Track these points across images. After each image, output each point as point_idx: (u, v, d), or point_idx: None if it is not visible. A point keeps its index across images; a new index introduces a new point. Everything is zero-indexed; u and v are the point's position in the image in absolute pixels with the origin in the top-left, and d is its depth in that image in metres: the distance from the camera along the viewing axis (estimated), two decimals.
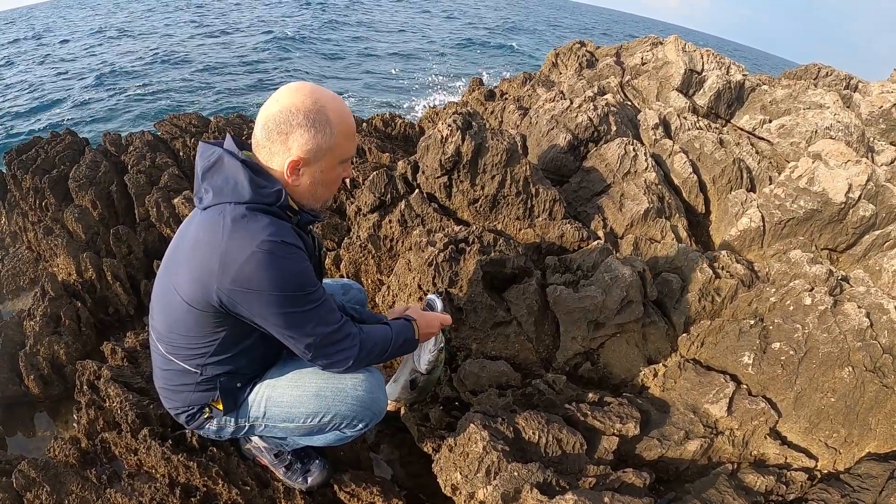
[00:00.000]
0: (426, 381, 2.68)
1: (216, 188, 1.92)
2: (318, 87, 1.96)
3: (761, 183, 5.18)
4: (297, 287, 1.90)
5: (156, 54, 27.49)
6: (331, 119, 1.92)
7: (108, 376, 3.11)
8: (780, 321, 3.29)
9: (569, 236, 4.01)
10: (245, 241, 1.80)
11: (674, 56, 6.72)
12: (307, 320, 1.97)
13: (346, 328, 2.09)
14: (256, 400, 2.32)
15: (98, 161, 5.76)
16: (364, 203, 4.13)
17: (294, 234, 1.95)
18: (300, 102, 1.88)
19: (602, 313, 3.38)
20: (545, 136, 5.21)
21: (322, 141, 1.93)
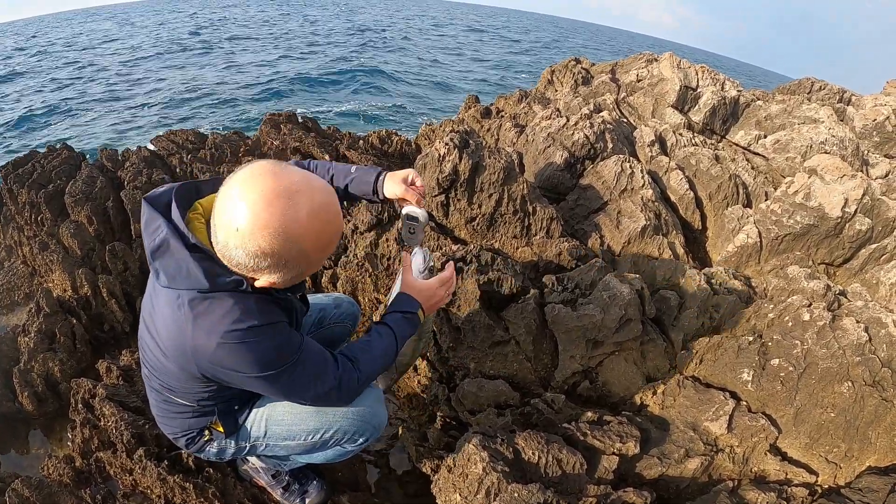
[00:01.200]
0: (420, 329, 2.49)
1: (168, 274, 1.71)
2: (292, 197, 1.56)
3: (757, 198, 5.18)
4: (277, 363, 1.82)
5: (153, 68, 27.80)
6: (307, 251, 1.65)
7: (103, 395, 3.10)
8: (778, 337, 3.29)
9: (566, 254, 4.00)
10: (210, 332, 1.71)
11: (669, 73, 6.74)
12: (296, 385, 1.94)
13: (339, 374, 2.04)
14: (256, 420, 2.32)
15: (94, 176, 5.75)
16: (361, 221, 4.14)
17: (264, 306, 1.80)
18: (268, 244, 1.57)
19: (600, 332, 3.37)
20: (542, 154, 5.22)
21: (296, 271, 1.72)
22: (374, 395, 2.36)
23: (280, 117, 6.86)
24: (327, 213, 1.65)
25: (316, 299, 2.89)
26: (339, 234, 1.77)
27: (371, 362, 2.15)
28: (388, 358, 2.23)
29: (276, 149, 5.77)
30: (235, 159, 5.28)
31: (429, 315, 2.44)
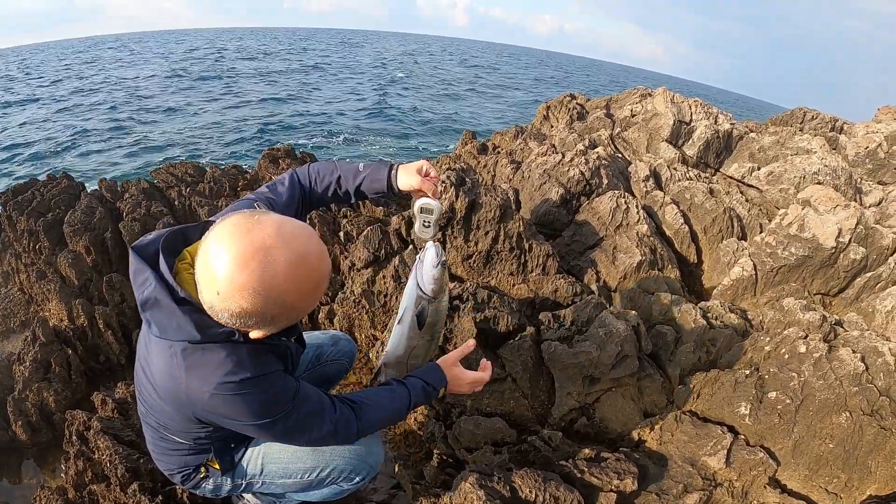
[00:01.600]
0: (435, 312, 2.42)
1: (159, 325, 1.67)
2: (268, 254, 1.49)
3: (752, 230, 5.22)
4: (271, 412, 1.80)
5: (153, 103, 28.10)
6: (291, 303, 1.58)
7: (97, 428, 3.09)
8: (775, 370, 3.29)
9: (562, 291, 4.01)
10: (203, 383, 1.70)
11: (663, 108, 6.81)
12: (291, 431, 1.93)
13: (335, 419, 2.01)
14: (253, 457, 2.31)
15: (93, 207, 5.78)
16: (358, 258, 4.15)
17: (258, 356, 1.76)
18: (249, 304, 1.52)
19: (597, 368, 3.38)
20: (538, 191, 5.25)
21: (285, 322, 1.67)
22: (373, 439, 2.36)
23: (278, 152, 6.92)
24: (306, 262, 1.56)
25: (313, 337, 2.89)
26: (326, 276, 1.67)
27: (375, 417, 2.14)
28: (394, 419, 2.23)
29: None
30: (234, 193, 5.29)
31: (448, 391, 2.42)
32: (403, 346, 2.48)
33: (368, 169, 2.37)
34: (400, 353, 2.51)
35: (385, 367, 2.60)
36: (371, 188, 2.38)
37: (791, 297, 4.06)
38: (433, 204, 2.34)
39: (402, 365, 2.54)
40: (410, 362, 2.52)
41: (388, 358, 2.56)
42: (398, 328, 2.47)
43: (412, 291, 2.37)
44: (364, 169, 2.37)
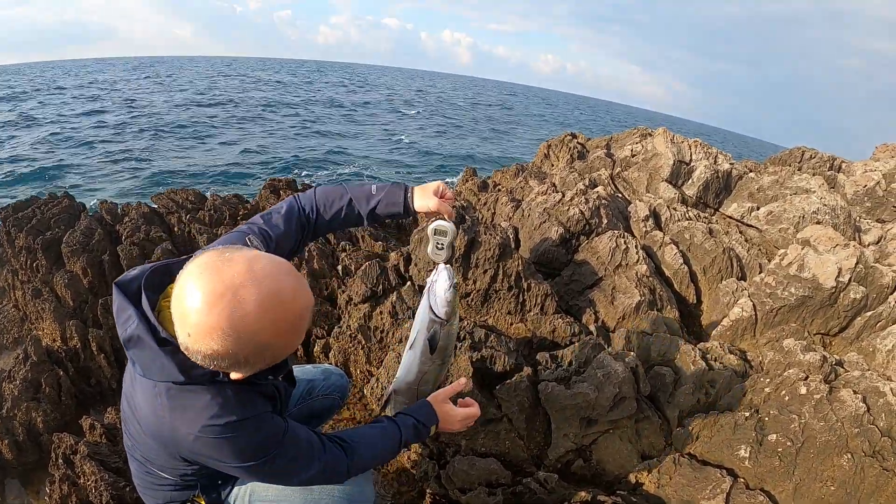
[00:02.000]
0: (447, 336, 2.36)
1: (142, 365, 1.63)
2: (237, 293, 1.43)
3: (751, 270, 5.19)
4: (258, 455, 1.75)
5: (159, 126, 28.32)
6: (266, 343, 1.51)
7: (84, 452, 3.05)
8: (775, 412, 3.24)
9: (561, 331, 3.97)
10: (188, 425, 1.65)
11: (663, 147, 6.82)
12: (279, 473, 1.88)
13: (325, 459, 1.96)
14: (240, 495, 2.23)
15: (93, 228, 5.77)
16: (355, 293, 4.11)
17: (244, 397, 1.71)
18: (220, 346, 1.45)
19: (595, 410, 3.33)
20: (537, 229, 5.23)
21: (264, 362, 1.59)
22: (363, 477, 2.30)
23: (280, 183, 6.93)
24: (279, 300, 1.49)
25: (304, 371, 2.84)
26: (304, 312, 1.58)
27: (366, 457, 2.09)
28: (385, 459, 2.19)
29: None
30: (234, 222, 5.28)
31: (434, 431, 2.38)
32: (415, 371, 2.43)
33: (383, 191, 2.32)
34: (411, 379, 2.46)
35: (395, 395, 2.56)
36: (386, 211, 2.33)
37: (791, 337, 4.02)
38: (447, 226, 2.31)
39: (413, 392, 2.49)
40: (421, 388, 2.47)
41: (398, 384, 2.51)
42: (409, 353, 2.43)
43: (424, 315, 2.33)
44: (377, 192, 2.32)
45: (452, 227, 2.32)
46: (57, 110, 32.94)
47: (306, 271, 4.77)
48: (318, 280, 4.81)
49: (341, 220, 2.34)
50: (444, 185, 2.34)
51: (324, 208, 2.31)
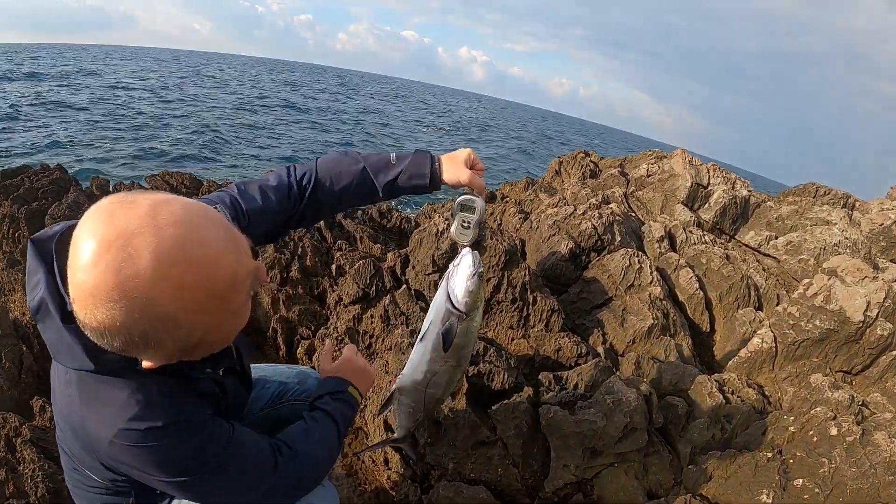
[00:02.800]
0: (465, 333, 1.99)
1: (50, 343, 1.30)
2: (129, 243, 1.06)
3: (769, 301, 4.80)
4: (192, 469, 1.39)
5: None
6: (172, 314, 1.13)
7: (27, 437, 2.70)
8: (802, 454, 2.85)
9: (566, 351, 3.58)
10: (103, 426, 1.30)
11: (680, 169, 6.46)
12: (219, 492, 1.50)
13: (279, 472, 1.57)
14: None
15: (80, 203, 5.44)
16: (346, 293, 3.70)
17: (173, 396, 1.36)
18: (107, 315, 1.08)
19: (601, 440, 2.93)
20: (546, 242, 4.85)
21: (169, 346, 1.20)
22: (326, 496, 1.90)
23: None
24: (186, 254, 1.11)
25: (278, 371, 2.41)
26: (235, 277, 1.21)
27: (311, 451, 1.70)
28: (331, 444, 1.78)
29: None
30: None
31: (365, 395, 2.04)
32: (423, 369, 2.07)
33: (405, 161, 1.95)
34: (418, 377, 2.10)
35: (399, 394, 2.20)
36: (409, 183, 1.96)
37: (818, 373, 3.62)
38: (477, 202, 1.97)
39: (420, 393, 2.13)
40: (429, 391, 2.11)
41: (403, 382, 2.15)
42: (419, 346, 2.08)
43: (440, 304, 1.97)
44: (398, 161, 1.95)
45: (482, 202, 1.98)
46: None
47: (298, 267, 4.38)
48: (309, 278, 4.43)
49: (352, 192, 1.95)
50: (474, 154, 1.98)
51: (328, 179, 1.92)
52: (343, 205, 2.02)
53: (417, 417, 2.28)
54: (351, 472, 3.07)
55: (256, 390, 2.22)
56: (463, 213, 1.98)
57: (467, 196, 1.98)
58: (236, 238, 1.24)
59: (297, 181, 1.90)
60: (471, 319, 1.98)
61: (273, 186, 1.87)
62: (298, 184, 1.90)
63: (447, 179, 1.94)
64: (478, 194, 1.98)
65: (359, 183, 1.93)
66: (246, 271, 1.24)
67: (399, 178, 1.94)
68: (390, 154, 1.98)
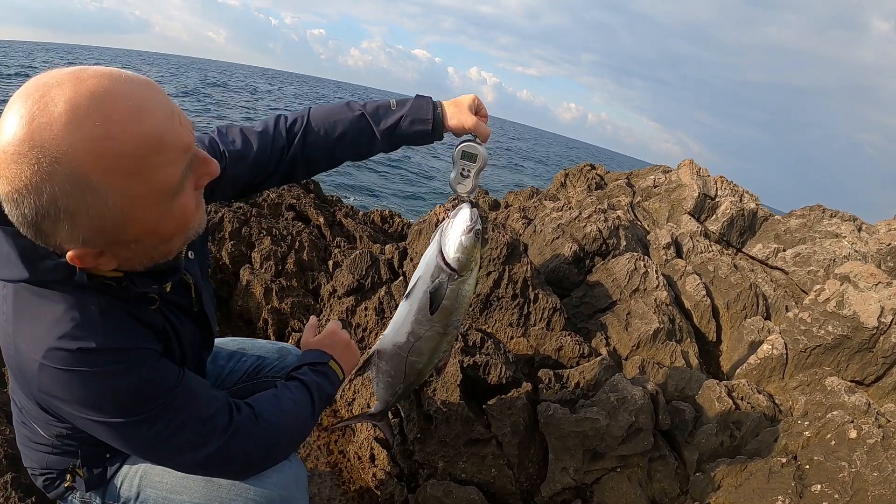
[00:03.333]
0: (455, 295, 1.79)
1: None
2: (48, 93, 0.95)
3: (777, 311, 4.58)
4: (129, 410, 1.20)
5: None
6: (83, 174, 0.97)
7: None
8: (820, 458, 2.63)
9: (568, 350, 3.35)
10: (32, 345, 1.13)
11: (688, 179, 6.26)
12: (160, 444, 1.29)
13: (232, 429, 1.36)
14: (129, 477, 1.61)
15: None
16: (340, 283, 3.46)
17: (115, 319, 1.19)
18: (14, 171, 0.95)
19: (604, 441, 2.69)
20: (549, 245, 4.63)
21: (84, 220, 1.02)
22: (291, 474, 1.65)
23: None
24: (105, 105, 0.96)
25: (257, 345, 2.21)
26: (162, 140, 1.04)
27: (277, 420, 1.47)
28: (302, 417, 1.55)
29: (271, 202, 5.25)
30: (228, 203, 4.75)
31: (348, 373, 1.81)
32: (406, 331, 1.85)
33: (405, 106, 1.77)
34: (400, 340, 1.87)
35: (378, 357, 1.96)
36: (411, 129, 1.79)
37: (835, 377, 3.39)
38: (480, 149, 1.81)
39: (400, 360, 1.90)
40: (411, 359, 1.89)
41: (383, 344, 1.93)
42: (404, 305, 1.87)
43: (430, 259, 1.78)
44: (398, 106, 1.78)
45: (485, 151, 1.82)
46: None
47: (294, 260, 4.17)
48: (305, 272, 4.22)
49: (348, 141, 1.78)
50: (479, 100, 1.80)
51: (321, 126, 1.75)
52: (339, 154, 1.84)
53: (396, 389, 2.04)
54: (335, 469, 2.83)
55: (232, 363, 2.07)
56: (463, 162, 1.81)
57: (470, 143, 1.81)
58: (172, 106, 1.09)
59: (285, 128, 1.74)
60: (462, 281, 1.77)
61: (257, 132, 1.71)
62: (288, 130, 1.74)
63: (452, 125, 1.78)
64: (481, 142, 1.82)
65: (356, 130, 1.77)
66: (179, 141, 1.08)
67: (401, 123, 1.78)
68: (390, 100, 1.82)
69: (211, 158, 1.20)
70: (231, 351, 2.13)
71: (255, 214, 4.60)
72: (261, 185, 1.81)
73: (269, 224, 4.53)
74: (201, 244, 1.61)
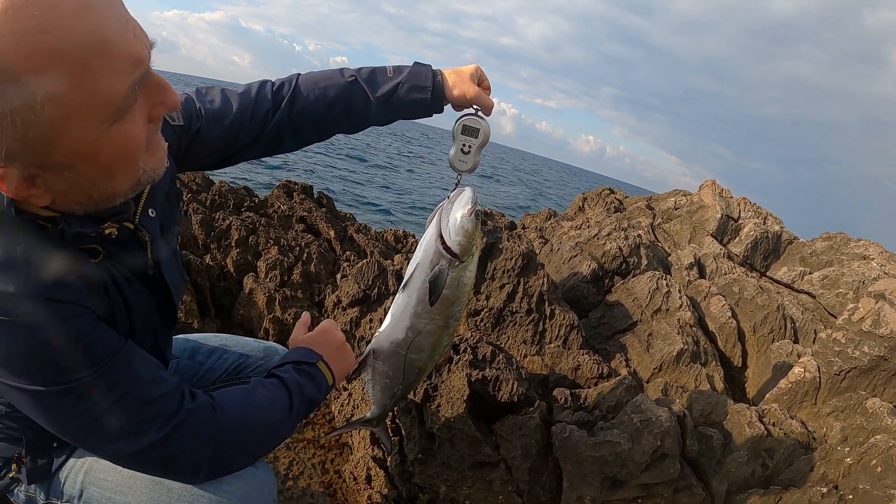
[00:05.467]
0: (456, 284, 1.61)
1: None
2: None
3: (805, 336, 4.23)
4: (48, 376, 1.00)
5: None
6: (11, 69, 0.80)
7: None
8: (866, 486, 2.32)
9: (585, 370, 3.05)
10: None
11: (710, 200, 5.96)
12: (87, 423, 1.06)
13: (179, 418, 1.12)
14: (73, 472, 1.38)
15: None
16: (345, 293, 3.18)
17: (49, 264, 0.99)
18: None
19: (625, 467, 2.38)
20: (566, 263, 4.34)
21: (36, 126, 0.85)
22: (255, 482, 1.37)
23: (296, 186, 6.12)
24: None
25: (241, 342, 1.97)
26: (105, 42, 0.86)
27: (243, 418, 1.24)
28: (276, 417, 1.31)
29: (282, 213, 5.03)
30: (237, 212, 4.54)
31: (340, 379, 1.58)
32: (405, 325, 1.64)
33: (403, 72, 1.59)
34: (398, 337, 1.66)
35: (374, 357, 1.74)
36: (409, 97, 1.60)
37: (876, 398, 3.06)
38: (482, 123, 1.66)
39: (399, 358, 1.68)
40: (410, 356, 1.67)
41: (379, 342, 1.71)
42: (402, 297, 1.67)
43: (429, 244, 1.60)
44: (395, 72, 1.60)
45: (487, 126, 1.66)
46: None
47: (300, 271, 3.91)
48: (311, 284, 3.96)
49: (341, 108, 1.59)
50: (481, 70, 1.63)
51: (311, 91, 1.58)
52: (329, 123, 1.65)
53: (395, 391, 1.80)
54: (329, 489, 2.54)
55: (212, 359, 1.85)
56: (464, 137, 1.64)
57: (471, 116, 1.63)
58: (130, 16, 0.93)
59: (271, 91, 1.57)
60: (463, 268, 1.58)
61: (239, 93, 1.54)
62: (274, 94, 1.56)
63: (455, 94, 1.60)
64: (483, 116, 1.63)
65: (348, 96, 1.59)
66: (128, 50, 0.90)
67: (398, 90, 1.59)
68: (386, 66, 1.62)
69: (170, 87, 1.02)
70: (212, 347, 1.90)
71: (264, 224, 4.38)
72: (243, 152, 1.61)
73: (278, 234, 4.29)
74: (167, 203, 1.38)
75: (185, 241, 4.25)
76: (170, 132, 1.37)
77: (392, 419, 2.56)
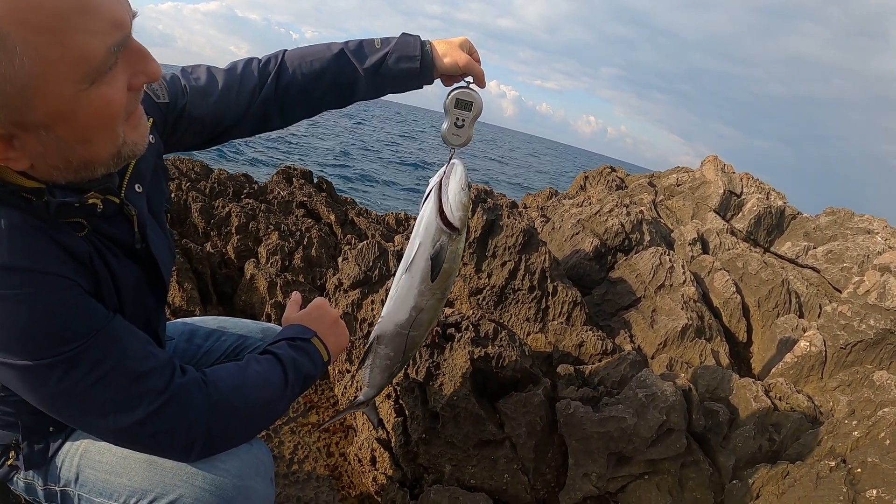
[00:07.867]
0: (453, 256, 1.63)
1: None
2: None
3: (810, 310, 4.19)
4: (32, 349, 0.98)
5: None
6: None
7: None
8: (874, 460, 2.26)
9: (590, 346, 3.02)
10: None
11: (712, 176, 5.91)
12: (74, 402, 1.05)
13: (168, 398, 1.10)
14: (69, 456, 1.35)
15: None
16: (346, 275, 3.15)
17: (30, 237, 0.98)
18: None
19: (631, 443, 2.35)
20: (568, 241, 4.30)
21: (13, 80, 0.84)
22: (252, 460, 1.34)
23: (295, 171, 6.08)
24: None
25: (239, 324, 1.96)
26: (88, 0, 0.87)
27: (237, 393, 1.22)
28: (270, 394, 1.29)
29: (281, 199, 4.97)
30: (237, 199, 4.50)
31: (335, 355, 1.56)
32: (409, 306, 1.68)
33: (390, 43, 1.56)
34: (402, 318, 1.70)
35: (377, 345, 1.75)
36: (398, 67, 1.59)
37: (883, 371, 3.03)
38: (475, 95, 1.62)
39: (402, 338, 1.71)
40: (412, 334, 1.69)
41: (383, 328, 1.72)
42: (406, 279, 1.67)
43: (430, 221, 1.60)
44: (383, 43, 1.57)
45: (480, 98, 1.63)
46: None
47: (301, 256, 3.88)
48: (312, 268, 3.93)
49: (328, 80, 1.57)
50: (470, 42, 1.60)
51: (297, 65, 1.57)
52: (317, 97, 1.62)
53: (394, 370, 1.82)
54: (334, 472, 2.51)
55: (210, 341, 1.84)
56: (457, 111, 1.60)
57: (463, 89, 1.59)
58: None
59: (258, 67, 1.55)
60: (459, 240, 1.59)
61: (225, 70, 1.53)
62: (260, 70, 1.55)
63: (445, 63, 1.57)
64: (475, 89, 1.61)
65: (336, 69, 1.56)
66: (110, 11, 0.90)
67: (386, 60, 1.56)
68: (374, 38, 1.60)
69: (151, 56, 1.02)
70: (210, 329, 1.88)
71: (264, 210, 4.33)
72: (231, 131, 1.59)
73: (278, 220, 4.25)
74: (153, 179, 1.37)
75: (186, 230, 4.22)
76: (155, 109, 1.36)
77: (395, 400, 2.54)
